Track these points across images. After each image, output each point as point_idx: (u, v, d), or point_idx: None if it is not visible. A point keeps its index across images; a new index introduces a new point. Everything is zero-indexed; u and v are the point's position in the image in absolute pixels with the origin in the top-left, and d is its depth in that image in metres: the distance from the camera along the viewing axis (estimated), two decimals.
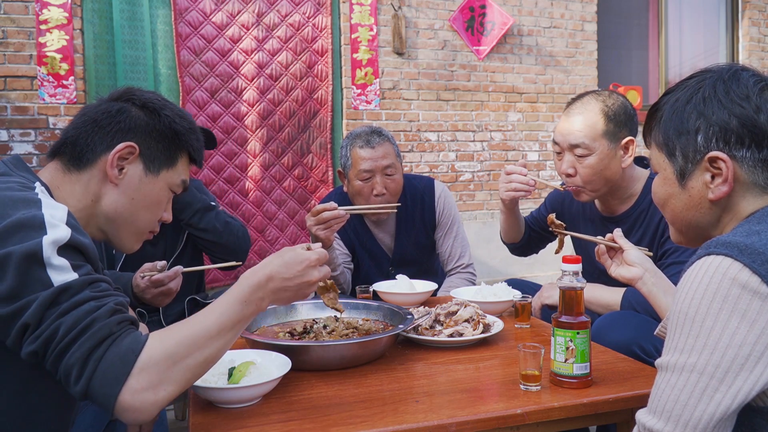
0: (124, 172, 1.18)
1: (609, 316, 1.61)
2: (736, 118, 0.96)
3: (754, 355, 0.82)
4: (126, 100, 1.23)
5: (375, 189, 2.19)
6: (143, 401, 0.91)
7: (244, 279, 1.06)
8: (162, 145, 1.22)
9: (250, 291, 1.05)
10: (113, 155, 1.15)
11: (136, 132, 1.19)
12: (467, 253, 2.40)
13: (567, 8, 5.09)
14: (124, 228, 1.21)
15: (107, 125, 1.17)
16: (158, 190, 1.23)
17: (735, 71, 1.00)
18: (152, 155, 1.21)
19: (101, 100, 1.24)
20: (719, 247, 0.87)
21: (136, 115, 1.20)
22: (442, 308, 1.58)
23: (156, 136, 1.21)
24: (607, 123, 1.74)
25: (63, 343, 0.90)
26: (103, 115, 1.18)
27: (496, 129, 4.96)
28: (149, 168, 1.21)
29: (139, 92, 1.25)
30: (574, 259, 1.25)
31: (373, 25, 4.46)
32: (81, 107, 3.12)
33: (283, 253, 1.11)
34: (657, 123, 1.07)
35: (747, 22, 5.72)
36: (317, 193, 4.41)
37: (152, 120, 1.22)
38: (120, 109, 1.20)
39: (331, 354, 1.32)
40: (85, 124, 1.18)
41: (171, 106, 1.27)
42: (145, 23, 3.94)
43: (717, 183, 0.99)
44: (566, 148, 1.78)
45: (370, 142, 2.20)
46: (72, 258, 0.97)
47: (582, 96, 1.82)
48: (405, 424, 1.05)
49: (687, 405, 0.85)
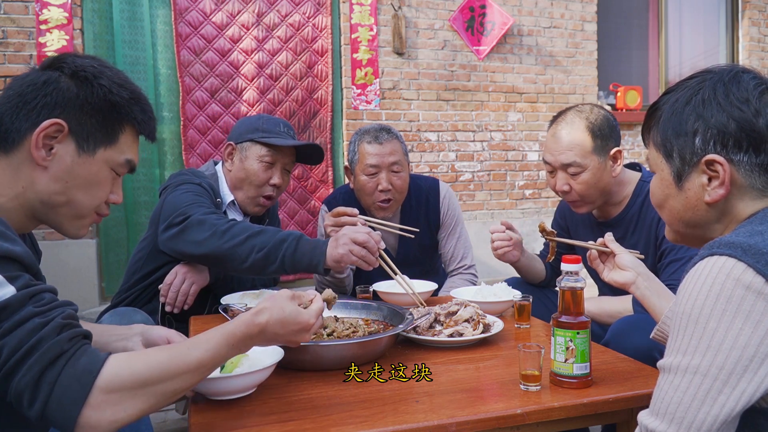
0: (53, 153, 1.04)
1: (625, 322, 1.61)
2: (735, 121, 0.95)
3: (758, 357, 0.82)
4: (56, 68, 1.07)
5: (380, 185, 2.19)
6: (101, 420, 0.86)
7: (241, 323, 1.03)
8: (96, 119, 1.07)
9: (242, 338, 1.02)
10: (37, 134, 1.02)
11: (64, 106, 1.04)
12: (470, 254, 2.40)
13: (567, 8, 5.09)
14: (62, 214, 1.09)
15: (32, 99, 1.03)
16: (96, 171, 1.09)
17: (736, 73, 0.99)
18: (85, 132, 1.06)
19: (31, 70, 1.09)
20: (722, 247, 0.87)
21: (66, 87, 1.05)
22: (442, 308, 1.58)
23: (89, 109, 1.06)
24: (594, 139, 1.79)
25: (7, 367, 0.84)
26: (28, 88, 1.04)
27: (496, 129, 4.96)
28: (82, 147, 1.06)
29: (72, 58, 1.09)
30: (573, 259, 1.25)
31: (373, 25, 4.46)
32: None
33: (284, 306, 1.06)
34: (656, 123, 1.06)
35: (747, 22, 5.72)
36: (317, 193, 4.41)
37: (84, 91, 1.06)
38: (47, 80, 1.04)
39: (331, 354, 1.31)
40: (9, 99, 1.04)
41: (109, 74, 1.10)
42: (145, 23, 3.94)
43: (714, 186, 0.98)
44: (558, 167, 1.84)
45: (378, 138, 2.22)
46: (5, 269, 0.87)
47: (564, 114, 1.87)
48: (405, 424, 1.04)
49: (690, 407, 0.84)
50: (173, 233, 1.78)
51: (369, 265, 1.70)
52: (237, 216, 2.14)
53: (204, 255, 1.76)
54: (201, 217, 1.77)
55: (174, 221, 1.79)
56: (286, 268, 1.71)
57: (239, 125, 2.14)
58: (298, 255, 1.69)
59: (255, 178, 2.04)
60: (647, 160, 1.13)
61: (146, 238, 2.06)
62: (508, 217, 5.01)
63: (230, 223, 1.75)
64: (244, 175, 2.05)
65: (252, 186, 2.06)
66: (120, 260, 3.94)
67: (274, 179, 2.07)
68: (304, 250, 1.69)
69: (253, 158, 2.04)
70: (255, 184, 2.06)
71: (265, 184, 2.06)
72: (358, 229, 1.70)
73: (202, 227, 1.74)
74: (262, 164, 2.04)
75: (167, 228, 1.81)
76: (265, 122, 2.09)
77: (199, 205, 1.84)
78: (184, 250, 1.77)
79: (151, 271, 2.03)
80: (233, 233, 1.72)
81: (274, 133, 2.06)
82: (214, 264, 1.83)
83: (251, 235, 1.71)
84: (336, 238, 1.69)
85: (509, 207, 5.04)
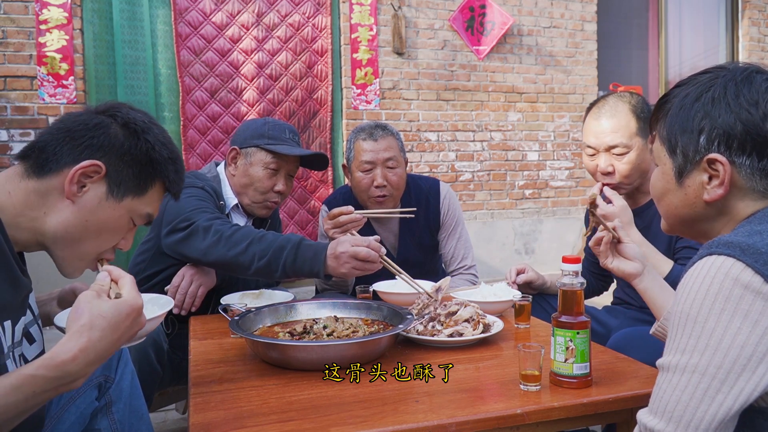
0: (84, 190, 1.09)
1: (626, 335, 1.61)
2: (742, 123, 0.95)
3: (756, 356, 0.82)
4: (110, 114, 1.14)
5: (375, 181, 2.20)
6: None
7: (40, 365, 0.86)
8: (133, 170, 1.13)
9: (48, 380, 0.86)
10: (76, 170, 1.07)
11: (107, 151, 1.10)
12: (470, 254, 2.41)
13: (567, 8, 5.09)
14: (68, 250, 1.12)
15: (80, 137, 1.09)
16: (117, 218, 1.14)
17: (750, 73, 0.98)
18: (119, 179, 1.12)
19: (87, 110, 1.16)
20: (721, 247, 0.87)
21: (114, 133, 1.12)
22: (442, 308, 1.58)
23: (128, 159, 1.12)
24: (638, 121, 1.82)
25: None
26: (79, 126, 1.11)
27: (496, 129, 4.97)
28: (113, 191, 1.12)
29: (127, 109, 1.16)
30: (573, 259, 1.25)
31: (373, 25, 4.46)
32: (81, 107, 3.13)
33: (101, 311, 0.91)
34: (664, 115, 1.05)
35: (747, 22, 5.72)
36: (316, 193, 4.41)
37: (129, 142, 1.13)
38: (99, 124, 1.11)
39: (331, 354, 1.31)
40: (59, 132, 1.10)
41: (156, 132, 1.17)
42: (145, 23, 3.94)
43: (713, 185, 0.98)
44: (602, 149, 1.84)
45: (373, 135, 2.23)
46: None
47: (605, 99, 1.88)
48: (405, 424, 1.04)
49: (689, 406, 0.85)
50: (178, 238, 1.78)
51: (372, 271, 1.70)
52: (241, 219, 2.14)
53: (211, 263, 1.77)
54: (206, 223, 1.76)
55: (178, 226, 1.79)
56: (289, 275, 1.71)
57: (244, 129, 2.12)
58: (299, 263, 1.69)
59: (259, 185, 2.04)
60: (651, 151, 1.13)
61: (148, 241, 2.05)
62: (508, 216, 5.01)
63: (233, 229, 1.74)
64: (248, 181, 2.05)
65: (256, 192, 2.06)
66: (120, 260, 3.94)
67: (279, 186, 2.07)
68: (304, 258, 1.69)
69: (258, 165, 2.04)
70: (259, 191, 2.06)
71: (270, 191, 2.06)
72: (357, 241, 1.67)
73: (207, 234, 1.74)
74: (267, 171, 2.04)
75: (171, 232, 1.81)
76: (271, 128, 2.08)
77: (203, 210, 1.83)
78: (191, 255, 1.78)
79: (154, 273, 2.02)
80: (235, 240, 1.71)
81: (280, 140, 2.06)
82: (223, 270, 1.85)
83: (251, 242, 1.70)
84: (337, 256, 1.66)
85: (509, 207, 5.04)
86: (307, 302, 1.71)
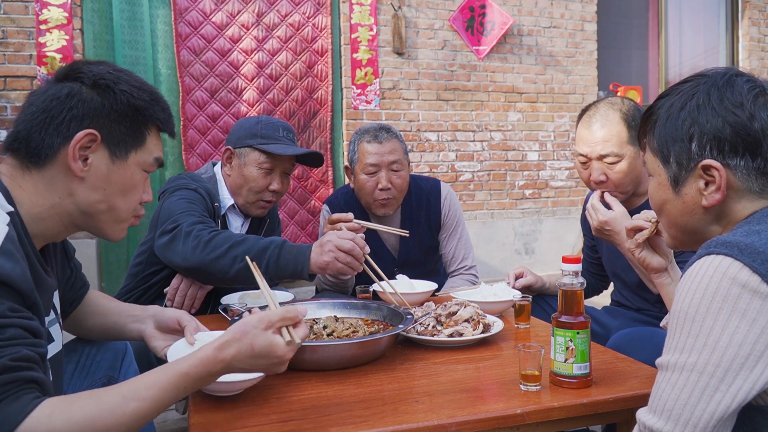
0: (88, 163, 1.07)
1: (626, 335, 1.61)
2: (730, 126, 0.96)
3: (754, 355, 0.82)
4: (74, 79, 1.09)
5: (380, 183, 2.20)
6: None
7: (198, 362, 0.96)
8: (124, 125, 1.10)
9: (198, 378, 0.96)
10: (73, 147, 1.04)
11: (92, 116, 1.06)
12: (471, 255, 2.41)
13: (567, 8, 5.09)
14: (104, 220, 1.12)
15: (59, 114, 1.05)
16: (131, 175, 1.13)
17: (730, 77, 0.99)
18: (116, 139, 1.09)
19: (47, 83, 1.10)
20: (719, 246, 0.88)
21: (89, 97, 1.07)
22: (443, 308, 1.58)
23: (115, 116, 1.09)
24: (629, 129, 1.81)
25: None
26: (52, 103, 1.05)
27: (496, 129, 4.97)
28: (115, 153, 1.09)
29: (87, 67, 1.10)
30: (573, 259, 1.25)
31: (373, 25, 4.46)
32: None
33: (254, 341, 0.97)
34: (651, 128, 1.07)
35: (747, 22, 5.72)
36: (317, 193, 4.41)
37: (108, 99, 1.08)
38: (69, 93, 1.06)
39: (331, 354, 1.31)
40: (35, 116, 1.05)
41: (126, 78, 1.13)
42: (145, 23, 3.94)
43: (710, 190, 0.99)
44: (595, 158, 1.84)
45: (378, 137, 2.22)
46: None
47: (596, 106, 1.87)
48: (405, 424, 1.04)
49: (687, 404, 0.85)
50: (165, 241, 1.78)
51: (354, 271, 1.70)
52: (238, 219, 2.14)
53: (190, 268, 1.75)
54: (187, 228, 1.75)
55: (167, 228, 1.79)
56: (271, 276, 1.69)
57: (237, 129, 2.11)
58: (282, 262, 1.68)
59: (254, 184, 2.04)
60: (644, 163, 1.13)
61: (147, 242, 2.06)
62: (507, 216, 5.01)
63: (212, 234, 1.73)
64: (242, 181, 2.05)
65: (251, 192, 2.05)
66: (120, 260, 3.94)
67: (274, 185, 2.06)
68: (287, 258, 1.68)
69: (252, 165, 2.03)
70: (254, 190, 2.05)
71: (265, 190, 2.06)
72: (343, 234, 1.69)
73: (188, 239, 1.73)
74: (261, 171, 2.03)
75: (161, 235, 1.81)
76: (264, 127, 2.06)
77: (189, 213, 1.82)
78: (174, 260, 1.77)
79: (152, 273, 2.02)
80: (215, 244, 1.70)
81: (273, 139, 2.05)
82: (202, 277, 1.80)
83: (232, 245, 1.69)
84: (321, 245, 1.68)
85: (509, 207, 5.04)
86: (307, 302, 1.71)
